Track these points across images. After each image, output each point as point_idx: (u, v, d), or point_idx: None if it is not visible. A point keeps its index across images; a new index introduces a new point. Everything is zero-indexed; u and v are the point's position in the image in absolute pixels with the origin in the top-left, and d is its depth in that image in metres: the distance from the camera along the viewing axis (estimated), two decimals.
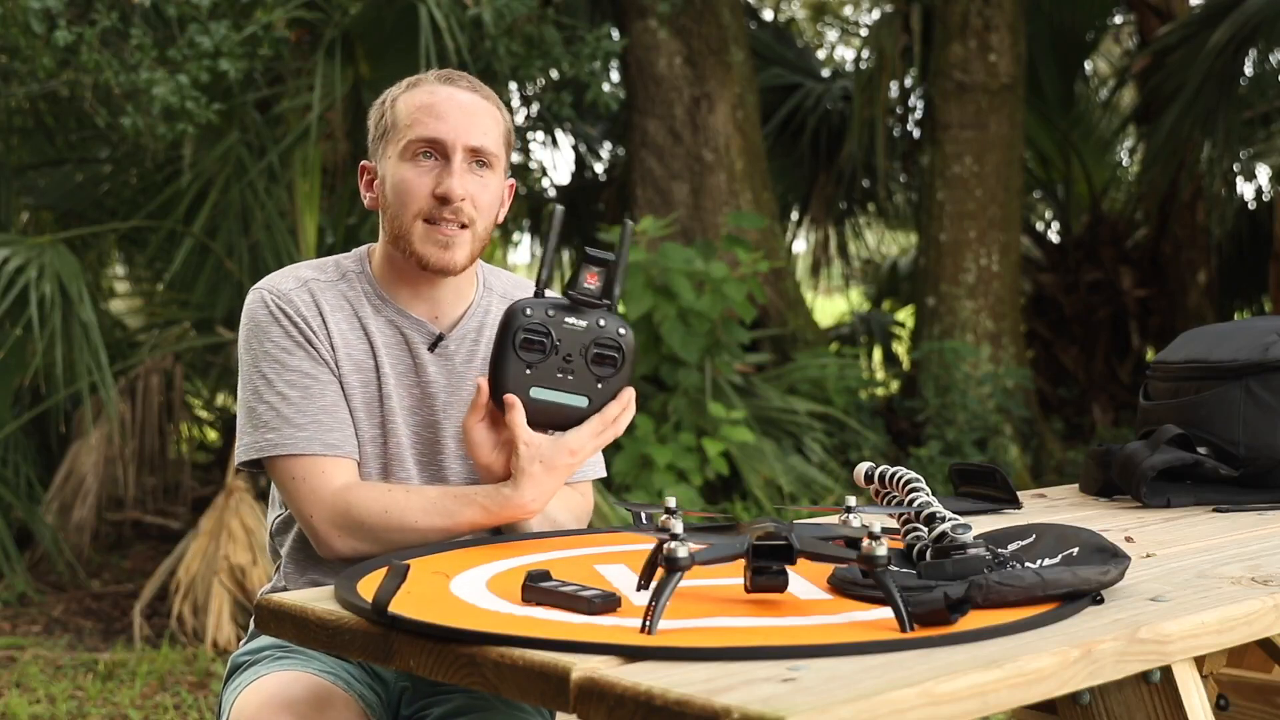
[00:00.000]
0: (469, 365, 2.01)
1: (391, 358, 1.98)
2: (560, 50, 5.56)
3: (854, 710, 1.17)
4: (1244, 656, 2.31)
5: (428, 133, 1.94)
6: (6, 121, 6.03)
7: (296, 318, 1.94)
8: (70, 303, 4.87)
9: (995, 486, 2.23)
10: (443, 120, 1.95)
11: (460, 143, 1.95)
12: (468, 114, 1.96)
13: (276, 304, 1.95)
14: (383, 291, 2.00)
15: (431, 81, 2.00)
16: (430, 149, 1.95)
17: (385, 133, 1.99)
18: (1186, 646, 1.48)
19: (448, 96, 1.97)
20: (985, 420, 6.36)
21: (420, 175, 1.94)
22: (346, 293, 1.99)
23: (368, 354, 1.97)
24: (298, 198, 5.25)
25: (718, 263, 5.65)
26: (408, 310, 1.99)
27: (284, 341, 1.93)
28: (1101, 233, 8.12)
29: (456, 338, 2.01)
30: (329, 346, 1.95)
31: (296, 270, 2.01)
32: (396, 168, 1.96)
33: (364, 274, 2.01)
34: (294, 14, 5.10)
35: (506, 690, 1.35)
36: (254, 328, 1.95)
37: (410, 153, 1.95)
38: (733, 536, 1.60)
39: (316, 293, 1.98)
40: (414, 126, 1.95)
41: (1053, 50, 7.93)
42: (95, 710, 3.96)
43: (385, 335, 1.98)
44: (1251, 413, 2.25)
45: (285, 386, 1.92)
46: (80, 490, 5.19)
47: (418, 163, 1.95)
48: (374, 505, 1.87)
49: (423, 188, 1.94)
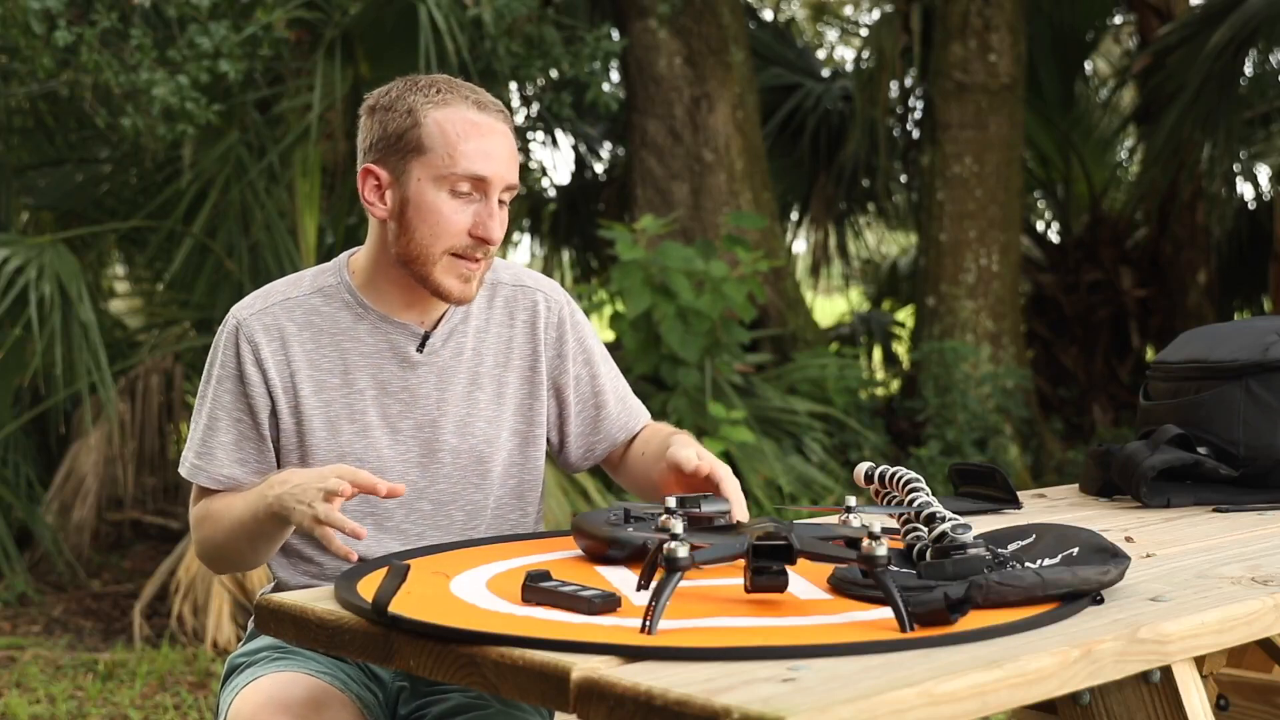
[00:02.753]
0: (458, 357, 2.01)
1: (371, 367, 1.97)
2: (560, 50, 5.56)
3: (854, 710, 1.17)
4: (1244, 656, 2.32)
5: (476, 170, 1.90)
6: (6, 121, 6.02)
7: (245, 348, 1.95)
8: (70, 303, 4.87)
9: (995, 486, 2.23)
10: (491, 159, 1.91)
11: (504, 182, 1.92)
12: (506, 150, 1.94)
13: (235, 332, 1.97)
14: (365, 300, 1.98)
15: (462, 103, 1.92)
16: (472, 184, 1.91)
17: (411, 148, 1.91)
18: (1186, 646, 1.48)
19: (490, 129, 1.92)
20: (985, 420, 6.36)
21: (458, 210, 1.90)
22: (320, 307, 1.98)
23: (335, 370, 1.97)
24: (298, 198, 5.25)
25: (717, 262, 5.65)
26: (393, 316, 1.98)
27: (217, 371, 1.98)
28: (1101, 233, 8.12)
29: (442, 334, 2.00)
30: (281, 375, 1.96)
31: (270, 289, 2.02)
32: (432, 195, 1.90)
33: (343, 284, 2.00)
34: (294, 14, 5.09)
35: (506, 690, 1.35)
36: (212, 346, 2.02)
37: (450, 184, 1.90)
38: (733, 536, 1.60)
39: (281, 316, 1.97)
40: (459, 160, 1.89)
41: (1053, 50, 7.93)
42: (95, 710, 3.96)
43: (364, 344, 1.98)
44: (1251, 413, 2.25)
45: (203, 413, 1.99)
46: (80, 490, 5.19)
47: (456, 195, 1.91)
48: (208, 510, 1.97)
49: (460, 224, 1.90)
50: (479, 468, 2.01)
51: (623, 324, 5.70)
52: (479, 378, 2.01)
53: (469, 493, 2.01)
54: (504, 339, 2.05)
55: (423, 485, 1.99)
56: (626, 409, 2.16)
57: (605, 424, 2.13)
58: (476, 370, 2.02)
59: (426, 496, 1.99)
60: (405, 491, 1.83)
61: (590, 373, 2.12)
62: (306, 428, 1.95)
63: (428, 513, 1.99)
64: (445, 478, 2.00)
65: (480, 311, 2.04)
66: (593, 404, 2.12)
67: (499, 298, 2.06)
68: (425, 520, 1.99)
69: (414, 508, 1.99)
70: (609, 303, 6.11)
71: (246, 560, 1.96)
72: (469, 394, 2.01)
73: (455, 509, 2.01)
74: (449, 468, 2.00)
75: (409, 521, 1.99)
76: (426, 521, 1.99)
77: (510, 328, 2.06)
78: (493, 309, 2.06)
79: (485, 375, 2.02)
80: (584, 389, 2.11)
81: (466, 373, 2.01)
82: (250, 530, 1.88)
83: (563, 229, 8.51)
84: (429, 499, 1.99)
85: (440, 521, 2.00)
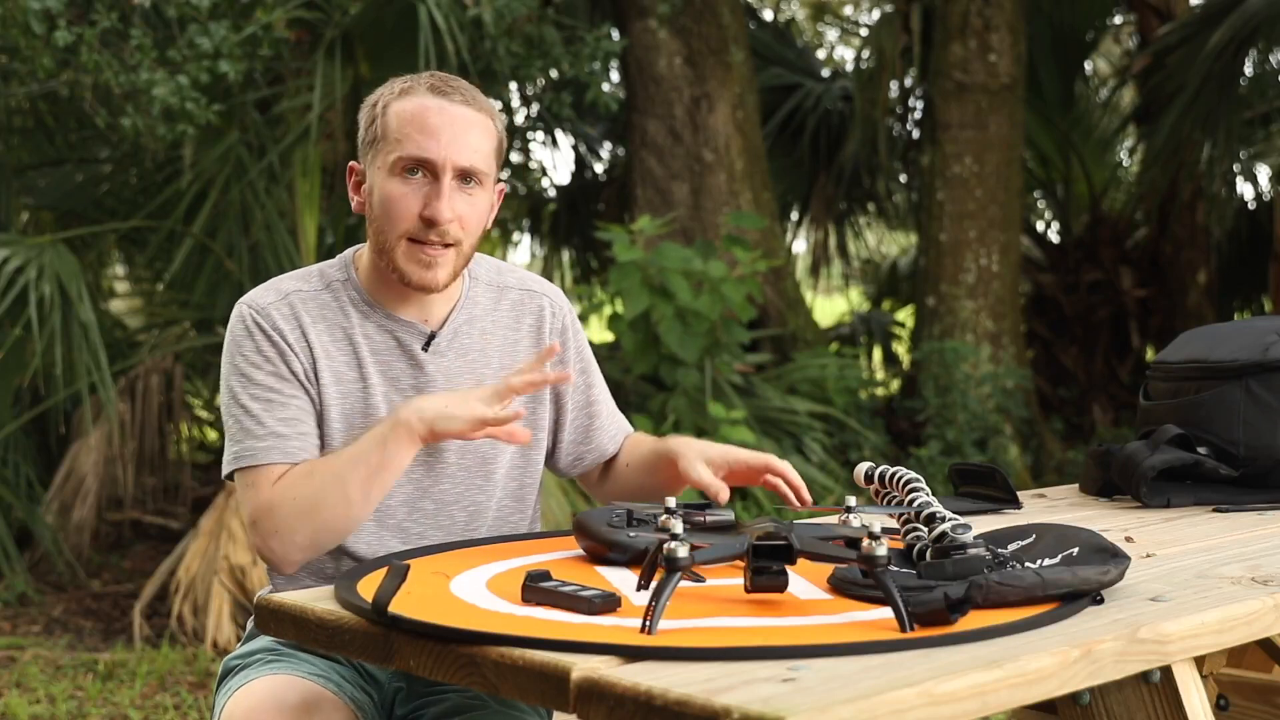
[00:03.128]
0: (464, 359, 2.01)
1: (381, 364, 1.97)
2: (560, 50, 5.56)
3: (854, 710, 1.17)
4: (1244, 656, 2.32)
5: (417, 151, 1.90)
6: (6, 121, 6.02)
7: (271, 331, 1.93)
8: (70, 303, 4.87)
9: (995, 486, 2.23)
10: (433, 138, 1.90)
11: (450, 163, 1.90)
12: (458, 130, 1.91)
13: (253, 318, 1.94)
14: (370, 297, 1.99)
15: (423, 90, 1.93)
16: (419, 167, 1.90)
17: (375, 139, 1.94)
18: (1186, 646, 1.48)
19: (439, 110, 1.91)
20: (985, 420, 6.36)
21: (407, 194, 1.90)
22: (330, 302, 1.98)
23: (351, 364, 1.96)
24: (298, 198, 5.25)
25: (717, 262, 5.65)
26: (396, 314, 1.98)
27: (254, 356, 1.93)
28: (1101, 233, 8.12)
29: (448, 334, 2.00)
30: (306, 359, 1.94)
31: (279, 283, 2.00)
32: (385, 181, 1.92)
33: (349, 280, 2.00)
34: (294, 14, 5.09)
35: (506, 690, 1.35)
36: (230, 342, 1.96)
37: (398, 169, 1.91)
38: (733, 536, 1.60)
39: (297, 305, 1.96)
40: (403, 142, 1.90)
41: (1053, 50, 7.92)
42: (95, 710, 3.96)
43: (374, 341, 1.97)
44: (1251, 413, 2.25)
45: (249, 400, 1.91)
46: (80, 490, 5.19)
47: (405, 180, 1.91)
48: (299, 472, 1.87)
49: (410, 208, 1.90)
50: (483, 469, 2.01)
51: (621, 325, 5.70)
52: (485, 379, 2.01)
53: (472, 494, 2.01)
54: (510, 342, 2.05)
55: (426, 484, 1.99)
56: (615, 422, 2.18)
57: (596, 434, 2.15)
58: (482, 372, 2.02)
59: (430, 496, 1.99)
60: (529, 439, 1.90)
61: (586, 382, 2.14)
62: (324, 417, 1.95)
63: (430, 512, 1.99)
64: (449, 478, 2.00)
65: (486, 314, 2.05)
66: (586, 413, 2.14)
67: (505, 301, 2.07)
68: (428, 519, 1.99)
69: (416, 506, 1.99)
70: (608, 303, 6.11)
71: (354, 511, 1.84)
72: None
73: (458, 509, 2.01)
74: (453, 468, 2.00)
75: (411, 520, 1.99)
76: (429, 521, 1.99)
77: (516, 331, 2.06)
78: (499, 311, 2.06)
79: (491, 377, 2.02)
80: (580, 398, 2.13)
81: (472, 374, 2.01)
82: (374, 464, 1.82)
83: (562, 229, 8.51)
84: (432, 498, 1.99)
85: (442, 521, 2.00)
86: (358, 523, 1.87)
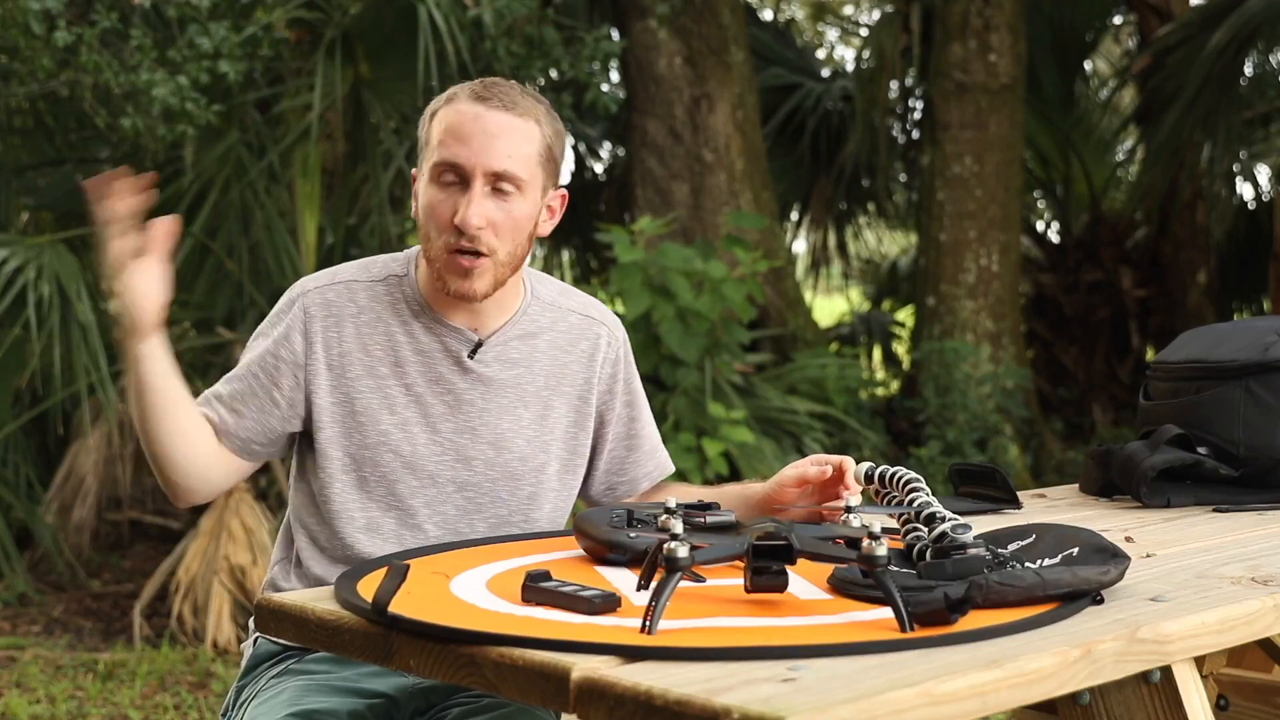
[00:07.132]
0: (509, 370, 2.00)
1: (423, 364, 1.97)
2: (560, 51, 5.56)
3: (854, 710, 1.17)
4: (1244, 656, 2.32)
5: (450, 156, 1.90)
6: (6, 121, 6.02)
7: (299, 316, 1.97)
8: (69, 303, 4.87)
9: (995, 486, 2.23)
10: (464, 144, 1.89)
11: (480, 168, 1.89)
12: (491, 136, 1.90)
13: (298, 299, 1.98)
14: (423, 297, 1.99)
15: (464, 97, 1.93)
16: (452, 173, 1.91)
17: (423, 147, 1.96)
18: (1186, 646, 1.48)
19: (474, 116, 1.91)
20: (985, 420, 6.36)
21: (443, 200, 1.91)
22: (383, 295, 1.99)
23: (387, 360, 1.97)
24: (298, 198, 5.25)
25: (717, 262, 5.65)
26: (446, 318, 1.98)
27: (266, 328, 2.00)
28: (1101, 233, 8.12)
29: (497, 343, 2.00)
30: (329, 351, 1.96)
31: (340, 269, 2.03)
32: (426, 188, 1.94)
33: (408, 278, 2.01)
34: (294, 14, 5.09)
35: (506, 690, 1.35)
36: (272, 311, 2.02)
37: (436, 175, 1.92)
38: (733, 537, 1.60)
39: (346, 294, 1.98)
40: (439, 148, 1.91)
41: (1053, 50, 7.93)
42: (95, 710, 3.95)
43: (420, 341, 1.98)
44: (1251, 413, 2.25)
45: (241, 368, 1.99)
46: (80, 490, 5.19)
47: (442, 187, 1.91)
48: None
49: (444, 214, 1.91)
50: (510, 484, 2.00)
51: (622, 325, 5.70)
52: (525, 395, 2.01)
53: (494, 506, 2.00)
54: (559, 363, 2.05)
55: (450, 490, 1.99)
56: (655, 459, 2.18)
57: (632, 468, 2.15)
58: (524, 387, 2.01)
59: (452, 502, 1.99)
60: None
61: (630, 415, 2.14)
62: (351, 409, 1.95)
63: (451, 517, 1.99)
64: (474, 486, 1.99)
65: (541, 331, 2.04)
66: (625, 445, 2.14)
67: (564, 323, 2.06)
68: (446, 526, 1.99)
69: (438, 509, 1.98)
70: (608, 304, 6.10)
71: (148, 440, 1.94)
72: (512, 409, 2.00)
73: (479, 519, 2.00)
74: (480, 477, 1.99)
75: (431, 523, 1.98)
76: (448, 527, 1.99)
77: (568, 353, 2.06)
78: (555, 331, 2.05)
79: (532, 394, 2.02)
80: (620, 429, 2.13)
81: (515, 386, 2.00)
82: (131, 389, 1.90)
83: (563, 229, 8.51)
84: (454, 505, 1.99)
85: (462, 530, 1.99)
86: (159, 446, 1.94)
